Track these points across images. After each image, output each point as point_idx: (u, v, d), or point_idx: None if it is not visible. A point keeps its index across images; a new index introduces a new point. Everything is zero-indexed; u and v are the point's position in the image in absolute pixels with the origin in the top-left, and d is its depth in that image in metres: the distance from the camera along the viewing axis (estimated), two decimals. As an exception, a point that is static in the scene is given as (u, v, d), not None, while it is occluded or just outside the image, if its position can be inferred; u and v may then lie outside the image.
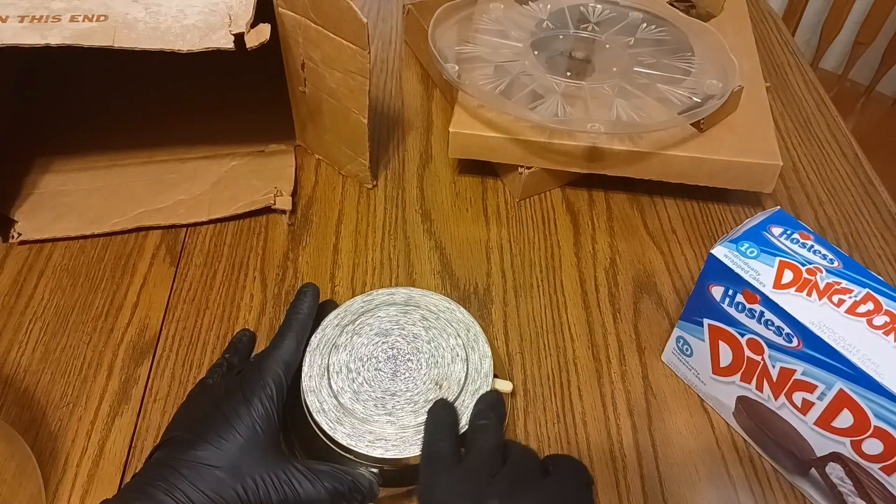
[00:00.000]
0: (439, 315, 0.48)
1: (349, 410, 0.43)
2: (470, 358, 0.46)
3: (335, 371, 0.45)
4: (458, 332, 0.47)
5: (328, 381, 0.44)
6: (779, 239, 0.43)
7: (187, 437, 0.39)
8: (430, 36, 0.63)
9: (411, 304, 0.48)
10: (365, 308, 0.48)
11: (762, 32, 0.84)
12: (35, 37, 0.47)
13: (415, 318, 0.47)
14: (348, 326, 0.47)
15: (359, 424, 0.42)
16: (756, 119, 0.61)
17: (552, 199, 0.63)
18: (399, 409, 0.43)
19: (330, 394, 0.44)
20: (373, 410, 0.43)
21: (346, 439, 0.42)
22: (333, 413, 0.43)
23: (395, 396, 0.43)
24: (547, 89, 0.60)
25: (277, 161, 0.64)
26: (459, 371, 0.45)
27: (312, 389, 0.44)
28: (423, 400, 0.43)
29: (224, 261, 0.57)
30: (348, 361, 0.45)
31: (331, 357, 0.45)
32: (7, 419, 0.47)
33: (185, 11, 0.50)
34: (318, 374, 0.45)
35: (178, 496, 0.36)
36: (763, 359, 0.42)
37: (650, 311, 0.55)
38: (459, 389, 0.44)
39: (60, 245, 0.58)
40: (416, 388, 0.44)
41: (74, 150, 0.64)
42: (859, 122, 1.28)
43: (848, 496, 0.42)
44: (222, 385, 0.43)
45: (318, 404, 0.43)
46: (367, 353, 0.46)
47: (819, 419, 0.41)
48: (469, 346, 0.46)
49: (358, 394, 0.44)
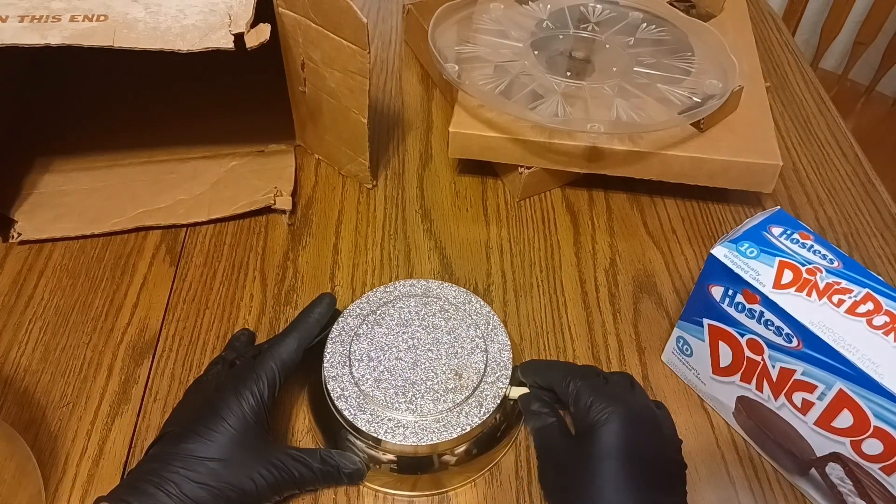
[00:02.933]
0: (458, 307, 0.49)
1: (370, 398, 0.44)
2: (489, 349, 0.47)
3: (357, 359, 0.46)
4: (478, 323, 0.48)
5: (350, 368, 0.45)
6: (779, 239, 0.43)
7: (178, 431, 0.40)
8: (430, 36, 0.63)
9: (431, 296, 0.50)
10: (386, 299, 0.50)
11: (762, 32, 0.84)
12: (35, 37, 0.47)
13: (434, 309, 0.49)
14: (369, 316, 0.48)
15: (379, 412, 0.44)
16: (756, 119, 0.61)
17: (552, 199, 0.63)
18: (419, 397, 0.44)
19: (351, 381, 0.45)
20: (393, 398, 0.44)
21: (366, 426, 0.43)
22: (355, 400, 0.44)
23: (415, 385, 0.45)
24: (547, 89, 0.60)
25: (277, 161, 0.64)
26: (479, 361, 0.46)
27: (334, 377, 0.45)
28: (443, 389, 0.45)
29: (224, 261, 0.57)
30: (370, 350, 0.46)
31: (352, 345, 0.47)
32: (7, 419, 0.47)
33: (185, 11, 0.50)
34: (339, 361, 0.46)
35: (169, 489, 0.37)
36: (763, 359, 0.42)
37: (650, 311, 0.55)
38: (479, 379, 0.45)
39: (60, 245, 0.58)
40: (436, 378, 0.45)
41: (74, 150, 0.64)
42: (859, 122, 1.28)
43: (848, 496, 0.42)
44: (214, 380, 0.44)
45: (340, 391, 0.44)
46: (388, 342, 0.47)
47: (819, 419, 0.41)
48: (488, 337, 0.48)
49: (379, 381, 0.45)
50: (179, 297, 0.55)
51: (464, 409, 0.44)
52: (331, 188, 0.64)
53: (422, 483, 0.45)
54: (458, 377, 0.45)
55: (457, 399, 0.44)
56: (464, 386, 0.45)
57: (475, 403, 0.44)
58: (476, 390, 0.45)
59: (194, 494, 0.37)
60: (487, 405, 0.44)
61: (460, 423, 0.43)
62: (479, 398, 0.44)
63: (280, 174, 0.63)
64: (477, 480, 0.45)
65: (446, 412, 0.44)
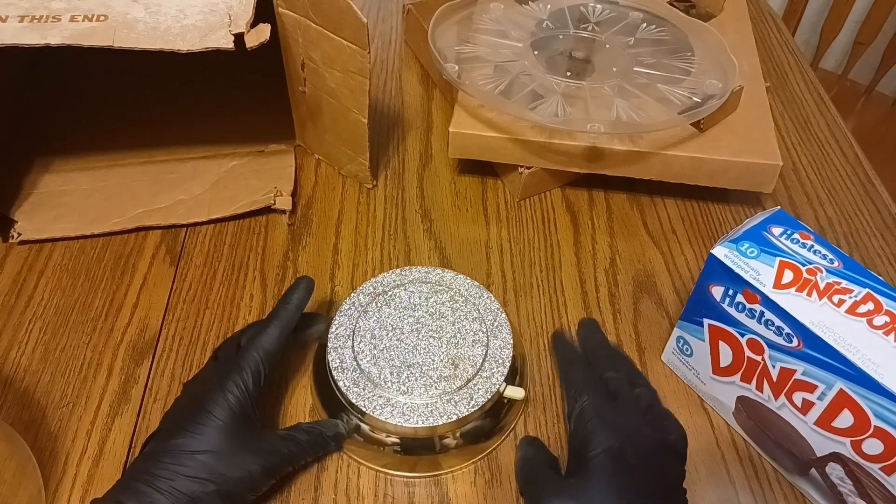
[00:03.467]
0: (468, 299, 0.50)
1: (365, 373, 0.45)
2: (491, 344, 0.47)
3: (360, 335, 0.47)
4: (484, 318, 0.49)
5: (352, 342, 0.47)
6: (779, 239, 0.43)
7: (168, 428, 0.40)
8: (430, 36, 0.63)
9: (443, 285, 0.51)
10: (399, 282, 0.51)
11: (762, 32, 0.84)
12: (35, 37, 0.47)
13: (444, 298, 0.50)
14: (380, 296, 0.50)
15: (372, 388, 0.45)
16: (756, 119, 0.61)
17: (552, 199, 0.63)
18: (413, 380, 0.45)
19: (351, 355, 0.46)
20: (388, 377, 0.45)
21: (358, 400, 0.44)
22: (350, 373, 0.45)
23: (411, 368, 0.46)
24: (547, 89, 0.60)
25: (277, 161, 0.64)
26: (478, 355, 0.47)
27: (336, 348, 0.47)
28: (437, 376, 0.45)
29: (224, 261, 0.57)
30: (374, 328, 0.48)
31: (358, 321, 0.48)
32: (7, 419, 0.47)
33: (185, 11, 0.50)
34: (343, 334, 0.47)
35: (161, 486, 0.37)
36: (763, 359, 0.42)
37: (650, 311, 0.55)
38: (474, 372, 0.46)
39: (60, 245, 0.58)
40: (433, 364, 0.46)
41: (74, 150, 0.64)
42: (859, 122, 1.28)
43: (848, 496, 0.42)
44: (200, 376, 0.45)
45: (339, 362, 0.46)
46: (393, 323, 0.48)
47: (819, 419, 0.41)
48: (491, 333, 0.48)
49: (376, 359, 0.46)
50: (179, 297, 0.55)
51: (453, 399, 0.44)
52: (331, 188, 0.64)
53: (421, 465, 0.45)
54: (454, 367, 0.46)
55: (448, 388, 0.45)
56: (457, 376, 0.45)
57: (466, 395, 0.45)
58: (469, 382, 0.45)
59: (187, 488, 0.37)
60: (478, 399, 0.45)
61: (447, 411, 0.44)
62: (471, 391, 0.45)
63: (280, 174, 0.63)
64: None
65: (436, 398, 0.44)
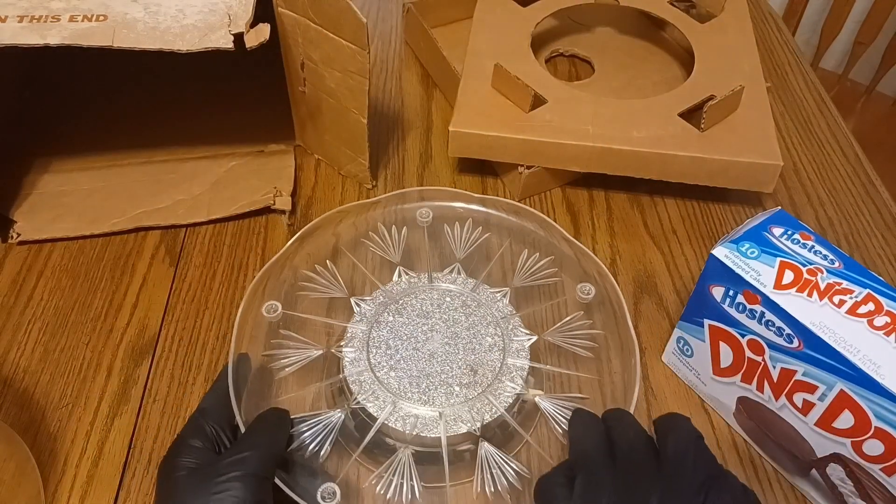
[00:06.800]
0: (481, 303, 0.49)
1: (384, 384, 0.45)
2: (507, 348, 0.47)
3: (375, 346, 0.47)
4: (499, 321, 0.48)
5: (367, 354, 0.46)
6: (779, 239, 0.43)
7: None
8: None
9: (455, 290, 0.50)
10: (409, 289, 0.50)
11: (762, 32, 0.84)
12: (34, 37, 0.47)
13: (456, 304, 0.49)
14: (391, 305, 0.49)
15: (392, 399, 0.44)
16: (756, 119, 0.61)
17: (552, 199, 0.63)
18: (433, 389, 0.44)
19: (367, 367, 0.45)
20: (407, 387, 0.44)
21: (378, 411, 0.43)
22: (369, 385, 0.45)
23: (430, 377, 0.45)
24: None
25: (277, 161, 0.64)
26: (496, 360, 0.46)
27: (351, 360, 0.46)
28: (457, 384, 0.45)
29: (223, 261, 0.57)
30: (388, 338, 0.47)
31: (372, 332, 0.47)
32: (6, 420, 0.47)
33: (185, 11, 0.50)
34: (358, 346, 0.47)
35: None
36: (764, 359, 0.42)
37: (650, 312, 0.55)
38: (493, 377, 0.45)
39: (60, 245, 0.58)
40: (451, 372, 0.45)
41: (74, 151, 0.64)
42: (859, 122, 1.27)
43: (849, 497, 0.42)
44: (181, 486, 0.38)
45: (356, 375, 0.45)
46: (408, 332, 0.47)
47: (820, 420, 0.40)
48: (507, 336, 0.48)
49: (394, 370, 0.45)
50: (179, 298, 0.55)
51: (475, 406, 0.44)
52: (330, 188, 0.64)
53: (441, 474, 0.44)
54: (473, 373, 0.45)
55: (469, 395, 0.44)
56: (478, 382, 0.45)
57: (487, 401, 0.44)
58: (489, 388, 0.45)
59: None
60: (499, 404, 0.44)
61: (470, 418, 0.43)
62: (492, 396, 0.44)
63: (280, 174, 0.63)
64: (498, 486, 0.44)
65: (458, 406, 0.44)
